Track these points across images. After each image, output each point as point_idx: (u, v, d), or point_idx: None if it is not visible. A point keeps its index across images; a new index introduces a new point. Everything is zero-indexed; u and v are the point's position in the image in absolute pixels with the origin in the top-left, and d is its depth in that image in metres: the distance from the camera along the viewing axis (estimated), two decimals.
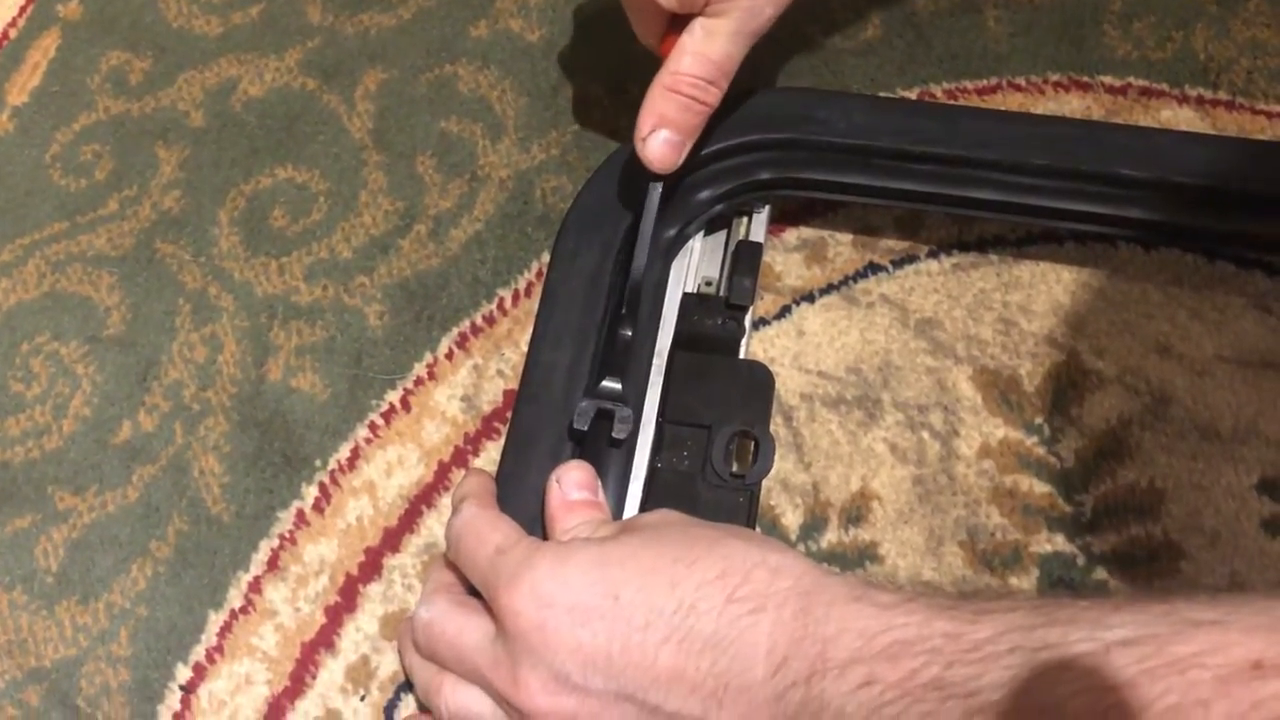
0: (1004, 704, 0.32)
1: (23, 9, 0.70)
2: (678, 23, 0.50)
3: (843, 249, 0.57)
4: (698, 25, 0.49)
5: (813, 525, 0.51)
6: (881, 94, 0.60)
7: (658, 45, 0.52)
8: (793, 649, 0.37)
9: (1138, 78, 0.59)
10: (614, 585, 0.40)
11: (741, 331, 0.52)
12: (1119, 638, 0.32)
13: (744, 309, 0.53)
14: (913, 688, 0.34)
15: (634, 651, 0.38)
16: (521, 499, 0.48)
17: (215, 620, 0.51)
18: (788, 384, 0.53)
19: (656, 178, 0.51)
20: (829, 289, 0.56)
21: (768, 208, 0.56)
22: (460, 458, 0.53)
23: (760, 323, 0.55)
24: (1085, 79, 0.60)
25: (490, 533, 0.44)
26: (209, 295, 0.59)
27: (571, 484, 0.46)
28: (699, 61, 0.49)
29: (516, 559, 0.42)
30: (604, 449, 0.49)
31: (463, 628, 0.43)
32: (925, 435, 0.52)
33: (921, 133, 0.53)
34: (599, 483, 0.47)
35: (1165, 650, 0.31)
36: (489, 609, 0.42)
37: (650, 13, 0.50)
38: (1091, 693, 0.31)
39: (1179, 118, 0.58)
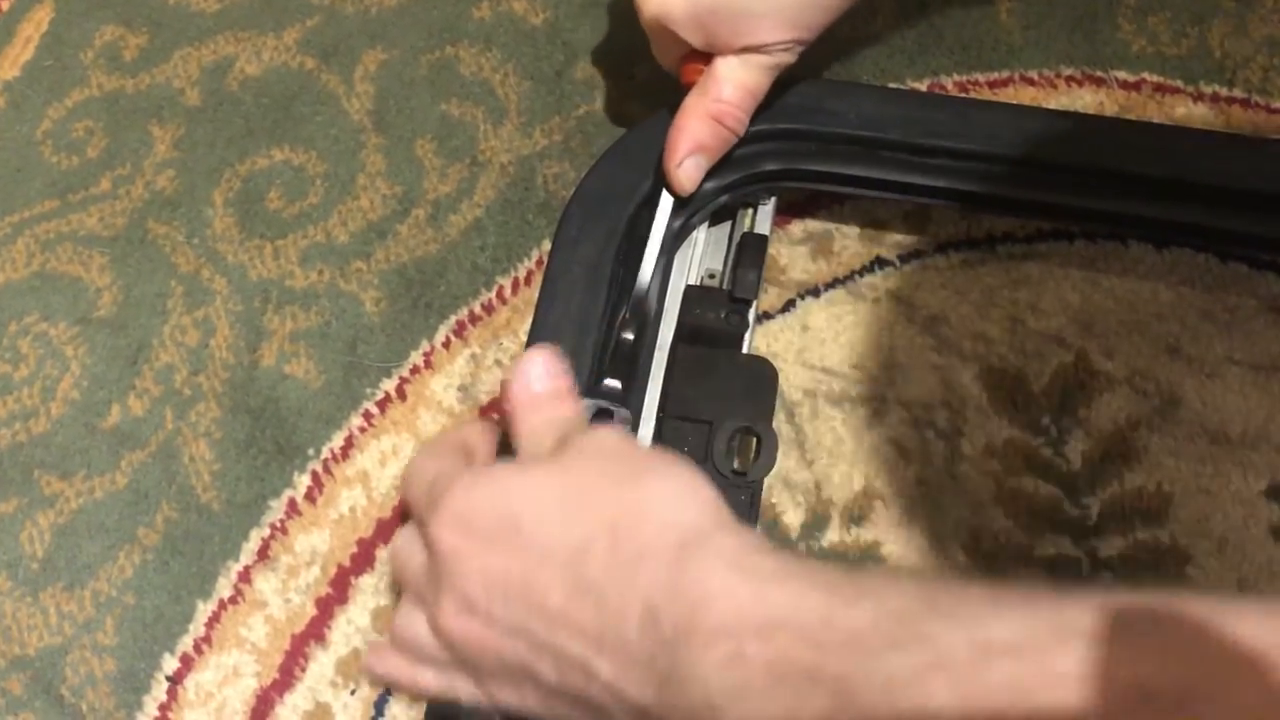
0: (876, 704, 0.31)
1: None
2: (701, 53, 0.49)
3: (849, 243, 0.56)
4: (734, 55, 0.49)
5: (814, 524, 0.50)
6: (891, 85, 0.59)
7: (677, 69, 0.51)
8: (664, 606, 0.36)
9: (1152, 73, 0.58)
10: (516, 516, 0.40)
11: (745, 325, 0.51)
12: (1000, 640, 0.30)
13: (748, 302, 0.52)
14: (783, 671, 0.33)
15: (529, 586, 0.38)
16: None
17: (204, 610, 0.50)
18: (791, 380, 0.53)
19: (672, 193, 0.51)
20: (834, 283, 0.55)
21: (774, 200, 0.54)
22: None
23: (764, 317, 0.54)
24: (1099, 74, 0.59)
25: (429, 464, 0.44)
26: (202, 278, 0.57)
27: (534, 376, 0.44)
28: (741, 92, 0.49)
29: (441, 487, 0.42)
30: None
31: (412, 553, 0.43)
32: (930, 434, 0.51)
33: (932, 126, 0.52)
34: (565, 363, 0.44)
35: (1044, 664, 0.29)
36: None
37: (675, 41, 0.49)
38: (965, 701, 0.30)
39: (1193, 115, 0.57)
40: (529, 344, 0.50)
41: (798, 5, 0.47)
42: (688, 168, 0.50)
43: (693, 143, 0.50)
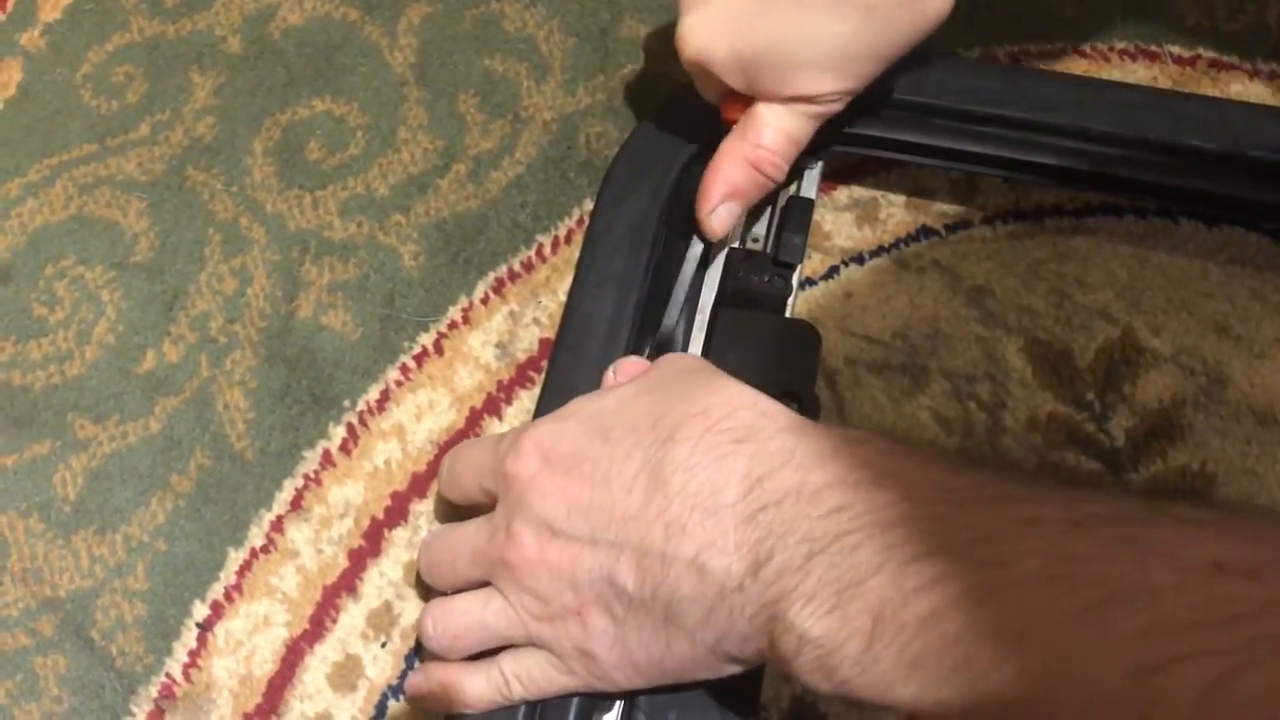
0: (960, 549, 0.32)
1: None
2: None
3: (895, 211, 0.55)
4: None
5: None
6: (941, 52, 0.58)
7: (719, 102, 0.49)
8: (770, 474, 0.37)
9: (1207, 49, 0.57)
10: (606, 427, 0.40)
11: (789, 289, 0.51)
12: (1090, 514, 0.32)
13: (792, 266, 0.51)
14: (882, 518, 0.34)
15: (611, 486, 0.39)
16: None
17: (235, 558, 0.50)
18: (832, 347, 0.52)
19: (703, 239, 0.50)
20: (879, 251, 0.54)
21: (820, 164, 0.54)
22: (493, 405, 0.52)
23: (806, 283, 0.54)
24: (1153, 48, 0.58)
25: (487, 437, 0.46)
26: (240, 226, 0.57)
27: (625, 376, 0.45)
28: (783, 139, 0.47)
29: (517, 431, 0.43)
30: None
31: (456, 528, 0.44)
32: (972, 406, 0.50)
33: (984, 93, 0.51)
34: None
35: (1133, 534, 0.31)
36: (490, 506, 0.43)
37: (718, 81, 0.47)
38: (1044, 556, 0.31)
39: (1249, 92, 0.56)
40: (570, 301, 0.50)
41: (847, 57, 0.45)
42: (721, 214, 0.49)
43: (728, 188, 0.48)
